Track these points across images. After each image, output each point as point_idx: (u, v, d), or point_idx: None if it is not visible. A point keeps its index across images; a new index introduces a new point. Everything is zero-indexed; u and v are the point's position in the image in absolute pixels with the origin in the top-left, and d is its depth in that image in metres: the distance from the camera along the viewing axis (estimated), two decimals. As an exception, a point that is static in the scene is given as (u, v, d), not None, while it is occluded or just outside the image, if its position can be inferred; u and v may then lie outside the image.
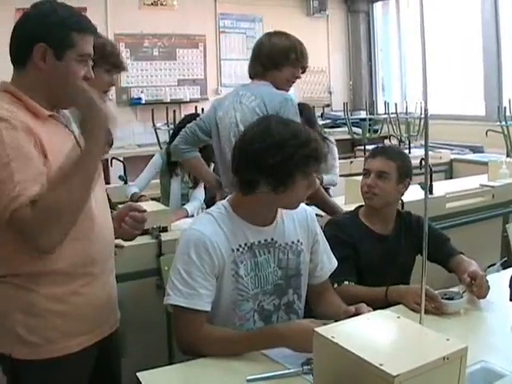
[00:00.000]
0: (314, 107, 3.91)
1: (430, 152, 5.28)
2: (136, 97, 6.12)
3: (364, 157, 2.93)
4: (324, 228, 2.04)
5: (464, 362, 1.08)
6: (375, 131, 6.23)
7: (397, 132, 6.00)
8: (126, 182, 3.48)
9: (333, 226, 2.13)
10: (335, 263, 1.83)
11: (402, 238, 2.14)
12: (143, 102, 6.11)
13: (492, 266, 2.58)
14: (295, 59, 2.43)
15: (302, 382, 1.34)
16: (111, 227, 1.54)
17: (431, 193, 3.19)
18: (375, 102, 7.18)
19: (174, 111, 5.33)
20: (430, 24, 5.93)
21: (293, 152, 1.51)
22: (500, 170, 3.65)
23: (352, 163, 4.95)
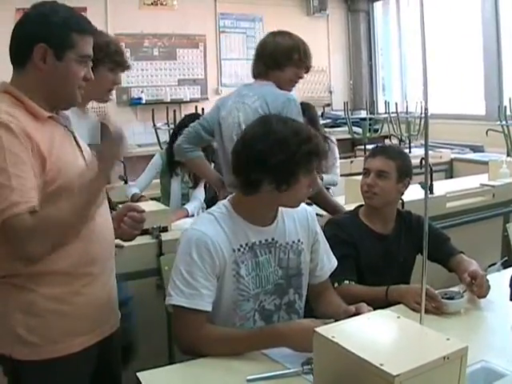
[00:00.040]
0: (315, 107, 3.90)
1: (431, 151, 5.29)
2: (136, 97, 6.11)
3: (364, 156, 2.93)
4: (324, 227, 2.03)
5: (464, 361, 1.08)
6: (375, 131, 6.21)
7: (397, 131, 5.99)
8: (126, 182, 3.48)
9: (333, 225, 2.13)
10: (335, 263, 1.83)
11: (402, 237, 2.14)
12: (143, 101, 6.10)
13: (492, 265, 2.58)
14: (298, 59, 2.41)
15: (302, 382, 1.34)
16: (111, 227, 1.54)
17: (431, 192, 3.19)
18: (375, 102, 7.16)
19: (175, 111, 5.32)
20: (431, 23, 5.92)
21: (295, 149, 1.51)
22: (500, 170, 3.65)
23: (352, 163, 4.94)
